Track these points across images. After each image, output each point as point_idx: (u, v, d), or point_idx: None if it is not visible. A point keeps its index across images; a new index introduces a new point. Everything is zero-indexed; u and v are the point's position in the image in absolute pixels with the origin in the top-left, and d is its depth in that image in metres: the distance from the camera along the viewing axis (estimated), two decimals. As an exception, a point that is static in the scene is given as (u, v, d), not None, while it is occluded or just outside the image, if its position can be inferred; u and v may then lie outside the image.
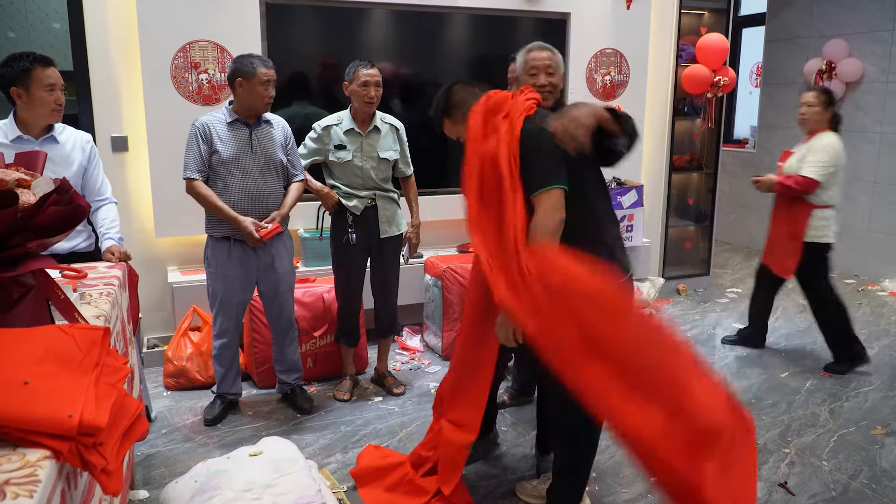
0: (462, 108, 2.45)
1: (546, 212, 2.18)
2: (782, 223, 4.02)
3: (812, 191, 3.82)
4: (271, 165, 3.18)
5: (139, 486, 2.76)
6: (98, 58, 3.82)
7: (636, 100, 5.05)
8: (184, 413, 3.43)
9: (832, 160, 3.80)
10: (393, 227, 3.54)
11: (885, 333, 4.66)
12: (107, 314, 1.92)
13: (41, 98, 2.68)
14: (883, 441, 3.19)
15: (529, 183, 2.21)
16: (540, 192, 2.19)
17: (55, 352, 1.31)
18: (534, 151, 2.21)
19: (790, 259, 3.98)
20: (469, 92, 2.49)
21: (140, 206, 4.03)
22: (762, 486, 2.82)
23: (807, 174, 3.79)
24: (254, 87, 3.05)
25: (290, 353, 3.46)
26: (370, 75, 3.32)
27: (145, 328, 4.09)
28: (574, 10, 4.72)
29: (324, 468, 2.89)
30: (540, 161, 2.21)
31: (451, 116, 2.53)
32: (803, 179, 3.80)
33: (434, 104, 2.58)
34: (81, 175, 2.88)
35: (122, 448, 1.35)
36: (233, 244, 3.16)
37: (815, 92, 3.94)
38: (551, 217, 2.17)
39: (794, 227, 3.93)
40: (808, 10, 6.38)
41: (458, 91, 2.52)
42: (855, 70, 5.92)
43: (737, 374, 3.96)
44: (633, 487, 2.80)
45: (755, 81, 7.49)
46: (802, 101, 3.95)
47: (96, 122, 3.87)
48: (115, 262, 2.66)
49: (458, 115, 2.49)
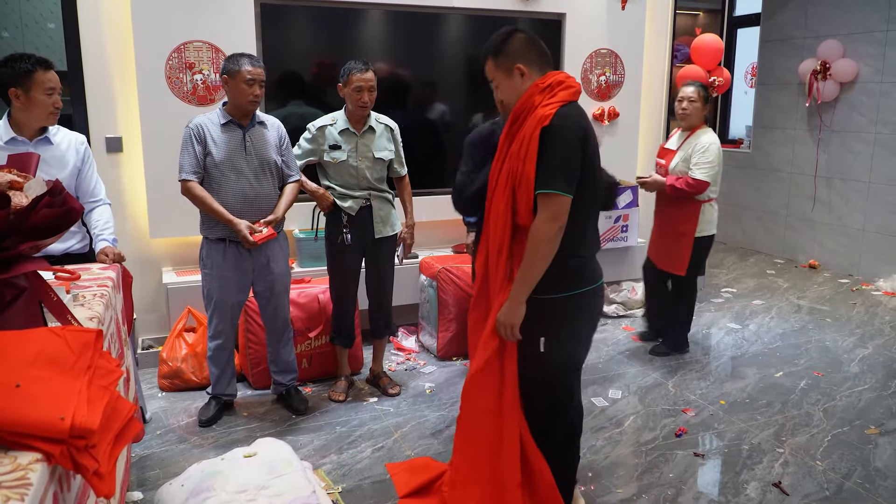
0: (511, 58, 2.26)
1: (545, 218, 2.13)
2: (670, 221, 4.10)
3: (703, 191, 3.92)
4: (265, 167, 3.17)
5: (134, 488, 2.76)
6: (92, 58, 3.81)
7: (631, 100, 5.06)
8: (178, 414, 3.43)
9: (717, 158, 3.93)
10: (388, 227, 3.54)
11: (879, 333, 4.67)
12: (100, 316, 1.92)
13: (40, 101, 2.68)
14: (877, 441, 3.20)
15: (538, 179, 2.14)
16: (545, 192, 2.12)
17: (47, 354, 1.30)
18: (553, 145, 2.13)
19: (682, 255, 4.03)
20: (528, 46, 2.27)
21: (135, 207, 4.02)
22: (756, 485, 2.82)
23: (698, 177, 3.89)
24: (237, 85, 3.04)
25: (285, 353, 3.46)
26: (364, 80, 3.30)
27: (140, 329, 4.08)
28: (569, 11, 4.73)
29: (319, 469, 2.89)
30: (554, 160, 2.12)
31: (496, 59, 2.29)
32: (695, 182, 3.89)
33: (488, 41, 2.33)
34: (75, 176, 2.88)
35: (115, 450, 1.34)
36: (228, 245, 3.16)
37: (695, 87, 4.03)
38: (550, 225, 2.12)
39: (685, 225, 4.01)
40: (803, 10, 6.40)
41: (519, 40, 2.28)
42: (849, 70, 5.94)
43: (731, 375, 3.97)
44: (628, 487, 2.81)
45: (750, 82, 7.50)
46: (683, 96, 4.03)
47: (91, 123, 3.86)
48: (109, 263, 2.65)
49: (503, 62, 2.28)
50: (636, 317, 4.95)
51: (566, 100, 2.18)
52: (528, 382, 2.36)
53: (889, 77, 5.75)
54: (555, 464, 2.42)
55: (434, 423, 3.37)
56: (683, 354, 4.25)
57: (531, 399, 2.38)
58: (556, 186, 2.10)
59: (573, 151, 2.13)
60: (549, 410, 2.38)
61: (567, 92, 2.19)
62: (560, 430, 2.39)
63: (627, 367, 4.08)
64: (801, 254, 6.66)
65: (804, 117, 6.47)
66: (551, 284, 2.21)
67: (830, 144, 6.28)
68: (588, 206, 2.25)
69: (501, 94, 2.32)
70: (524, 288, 2.18)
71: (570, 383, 2.36)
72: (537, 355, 2.27)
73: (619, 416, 3.45)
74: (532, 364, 2.31)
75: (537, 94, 2.20)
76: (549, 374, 2.31)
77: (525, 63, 2.24)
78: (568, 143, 2.12)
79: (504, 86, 2.29)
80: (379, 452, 3.08)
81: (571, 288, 2.24)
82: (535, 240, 2.14)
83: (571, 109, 2.18)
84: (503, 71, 2.28)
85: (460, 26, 4.57)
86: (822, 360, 4.19)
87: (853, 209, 6.16)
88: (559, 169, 2.11)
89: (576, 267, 2.24)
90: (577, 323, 2.30)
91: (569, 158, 2.12)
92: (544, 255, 2.14)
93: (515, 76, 2.26)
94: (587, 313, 2.33)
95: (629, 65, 5.00)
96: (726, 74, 5.30)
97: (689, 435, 3.25)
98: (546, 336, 2.26)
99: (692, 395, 3.69)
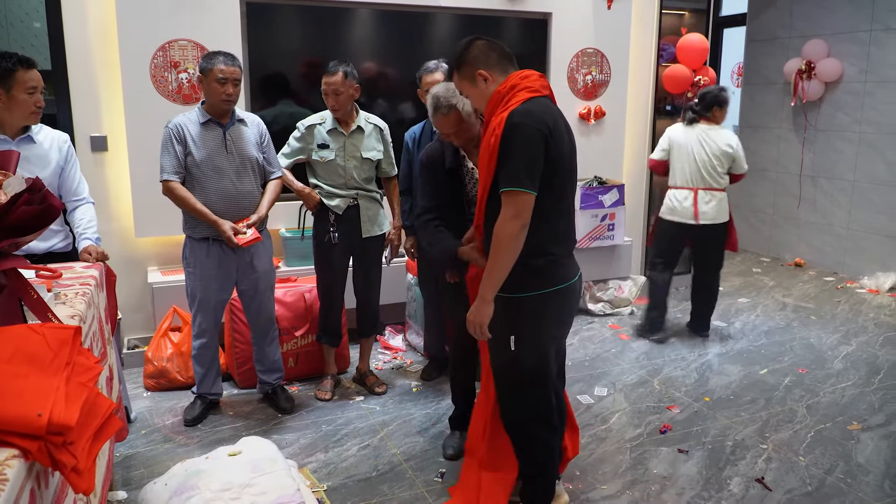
0: (472, 66, 2.26)
1: (507, 216, 2.13)
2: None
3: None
4: (247, 165, 3.16)
5: (118, 487, 2.75)
6: (77, 57, 3.79)
7: (617, 99, 5.08)
8: (164, 414, 3.42)
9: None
10: (375, 226, 3.54)
11: (863, 330, 4.71)
12: (82, 314, 1.91)
13: (22, 100, 2.66)
14: (859, 436, 3.23)
15: (501, 176, 2.14)
16: (508, 189, 2.12)
17: (25, 351, 1.30)
18: (511, 145, 2.14)
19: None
20: (487, 51, 2.26)
21: (120, 206, 4.01)
22: (739, 481, 2.84)
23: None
24: (210, 84, 3.03)
25: (270, 352, 3.46)
26: (327, 84, 3.29)
27: (125, 329, 4.07)
28: (555, 10, 4.74)
29: (304, 467, 2.89)
30: (514, 158, 2.12)
31: (459, 70, 2.30)
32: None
33: (451, 56, 2.36)
34: (58, 175, 2.86)
35: (94, 447, 1.34)
36: (211, 244, 3.15)
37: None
38: (513, 223, 2.12)
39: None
40: (789, 10, 6.45)
41: (476, 47, 2.27)
42: (834, 70, 5.99)
43: (716, 371, 4.00)
44: (613, 484, 2.82)
45: (737, 81, 7.55)
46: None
47: (75, 122, 3.84)
48: (93, 262, 2.64)
49: (466, 71, 2.28)
50: (622, 315, 4.97)
51: (527, 98, 2.16)
52: (501, 379, 2.38)
53: (873, 77, 5.80)
54: (529, 460, 2.43)
55: (420, 421, 3.37)
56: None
57: (505, 395, 2.40)
58: (518, 184, 2.09)
59: (534, 148, 2.10)
60: (524, 407, 2.38)
61: (527, 91, 2.18)
62: (534, 426, 2.39)
63: (613, 364, 4.10)
64: (786, 252, 6.71)
65: (790, 117, 6.52)
66: (519, 283, 2.21)
67: (816, 143, 6.33)
68: (558, 203, 2.23)
69: (473, 102, 2.35)
70: (490, 286, 2.19)
71: (543, 380, 2.34)
72: (508, 353, 2.28)
73: (605, 413, 3.47)
74: (504, 362, 2.33)
75: (499, 99, 2.21)
76: (522, 371, 2.31)
77: (486, 68, 2.25)
78: (527, 139, 2.10)
79: (472, 94, 2.32)
80: (365, 451, 3.08)
81: (540, 286, 2.23)
82: (498, 238, 2.13)
83: (533, 105, 2.16)
84: (467, 80, 2.30)
85: (447, 26, 4.57)
86: (807, 357, 4.22)
87: (838, 208, 6.20)
88: (520, 166, 2.10)
89: (545, 265, 2.23)
90: (547, 322, 2.28)
91: (529, 155, 2.10)
92: (508, 252, 2.14)
93: (479, 82, 2.27)
94: (557, 312, 2.31)
95: (615, 64, 5.02)
96: (712, 74, 5.32)
97: (673, 432, 3.27)
98: (516, 334, 2.26)
99: (677, 392, 3.71)
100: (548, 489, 2.49)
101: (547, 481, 2.47)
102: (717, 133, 4.24)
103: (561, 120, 2.23)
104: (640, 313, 4.87)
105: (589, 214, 4.80)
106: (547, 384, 2.33)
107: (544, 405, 2.37)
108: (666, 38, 5.34)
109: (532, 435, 2.40)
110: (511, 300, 2.24)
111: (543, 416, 2.38)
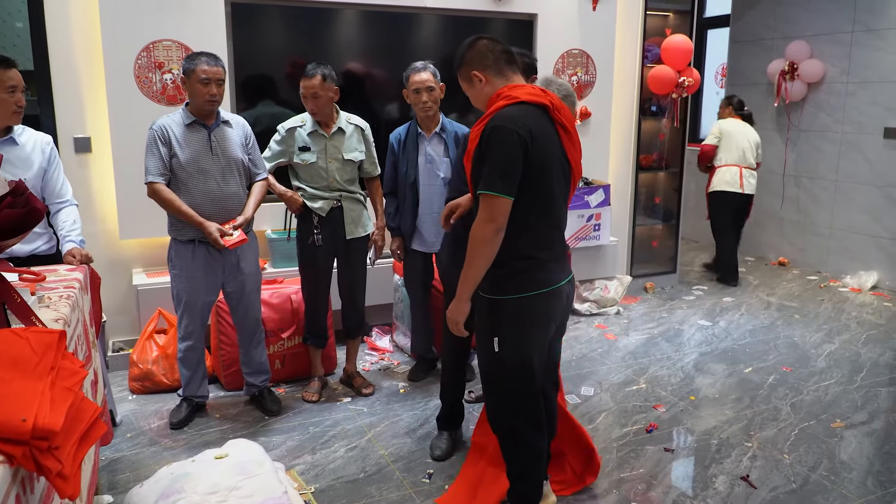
0: (469, 66, 2.28)
1: (482, 219, 2.14)
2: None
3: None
4: (232, 166, 3.15)
5: (104, 491, 2.73)
6: (60, 57, 3.76)
7: (602, 100, 5.11)
8: (149, 417, 3.40)
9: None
10: (359, 228, 3.53)
11: (846, 329, 4.76)
12: (66, 317, 1.90)
13: (2, 100, 2.64)
14: (842, 434, 3.26)
15: (478, 180, 2.16)
16: (482, 193, 2.13)
17: (9, 355, 1.29)
18: (488, 148, 2.15)
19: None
20: (484, 52, 2.26)
21: (104, 208, 3.98)
22: (725, 479, 2.87)
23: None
24: (193, 85, 3.02)
25: (257, 354, 3.44)
26: (306, 87, 3.29)
27: (110, 331, 4.04)
28: (541, 11, 4.76)
29: (291, 469, 2.89)
30: (491, 161, 2.13)
31: (459, 70, 2.31)
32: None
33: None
34: (41, 177, 2.84)
35: (80, 452, 1.33)
36: (197, 246, 3.13)
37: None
38: (487, 226, 2.13)
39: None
40: (772, 12, 6.50)
41: (475, 48, 2.27)
42: (816, 71, 6.05)
43: (701, 370, 4.03)
44: (600, 483, 2.83)
45: (721, 82, 7.60)
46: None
47: (58, 123, 3.81)
48: (77, 264, 2.62)
49: (464, 71, 2.30)
50: (609, 314, 4.99)
51: (510, 104, 2.18)
52: (487, 379, 2.39)
53: (854, 77, 5.86)
54: (513, 461, 2.44)
55: (408, 422, 3.37)
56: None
57: (492, 395, 2.40)
58: (493, 188, 2.10)
59: (511, 152, 2.10)
60: (509, 408, 2.38)
61: (505, 100, 2.19)
62: (518, 427, 2.39)
63: (600, 364, 4.12)
64: (770, 251, 6.77)
65: (773, 117, 6.57)
66: (499, 285, 2.23)
67: (799, 144, 6.39)
68: (545, 208, 2.23)
69: (472, 102, 2.36)
70: (466, 287, 2.22)
71: (528, 382, 2.34)
72: (493, 354, 2.29)
73: (592, 413, 3.48)
74: (490, 363, 2.34)
75: (489, 105, 2.24)
76: (506, 372, 2.31)
77: (480, 69, 2.27)
78: (504, 143, 2.10)
79: (471, 94, 2.34)
80: (352, 452, 3.07)
81: (520, 290, 2.23)
82: (472, 240, 2.16)
83: (514, 110, 2.16)
84: (466, 80, 2.32)
85: (433, 27, 4.57)
86: (791, 355, 4.26)
87: (821, 207, 6.27)
88: (496, 170, 2.11)
89: (528, 268, 2.23)
90: (528, 325, 2.27)
91: (504, 159, 2.11)
92: (482, 255, 2.15)
93: (475, 83, 2.29)
94: (540, 316, 2.29)
95: (600, 65, 5.04)
96: (696, 75, 5.35)
97: (659, 430, 3.29)
98: (499, 336, 2.27)
99: (663, 391, 3.74)
100: (534, 490, 2.49)
101: (531, 483, 2.47)
102: (750, 129, 5.73)
103: (552, 126, 2.23)
104: (639, 308, 4.89)
105: (575, 215, 4.81)
106: (532, 386, 2.33)
107: (529, 407, 2.37)
108: (651, 40, 5.37)
109: (516, 436, 2.40)
110: (494, 302, 2.26)
111: (528, 418, 2.37)
